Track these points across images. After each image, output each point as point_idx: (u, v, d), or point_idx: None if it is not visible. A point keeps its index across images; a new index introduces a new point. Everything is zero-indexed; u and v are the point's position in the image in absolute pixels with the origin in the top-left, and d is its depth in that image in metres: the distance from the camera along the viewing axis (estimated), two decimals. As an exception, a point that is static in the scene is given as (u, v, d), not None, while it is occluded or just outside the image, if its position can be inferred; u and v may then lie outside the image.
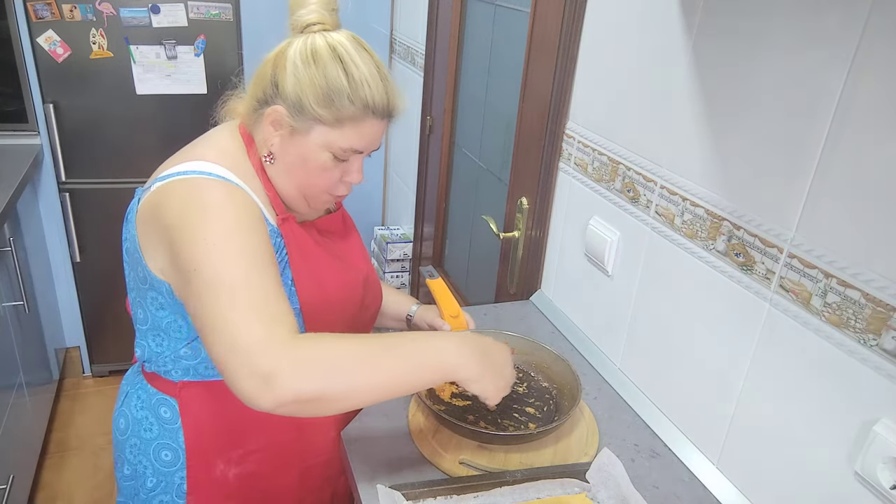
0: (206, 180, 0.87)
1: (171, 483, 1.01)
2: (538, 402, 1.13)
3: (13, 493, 1.90)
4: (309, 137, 0.91)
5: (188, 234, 0.82)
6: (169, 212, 0.86)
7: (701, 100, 0.99)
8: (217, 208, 0.85)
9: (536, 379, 1.18)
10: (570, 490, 0.93)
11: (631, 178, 1.17)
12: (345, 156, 0.93)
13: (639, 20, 1.12)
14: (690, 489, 1.00)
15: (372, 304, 1.13)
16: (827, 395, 0.82)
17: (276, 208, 0.96)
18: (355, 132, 0.91)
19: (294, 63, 0.88)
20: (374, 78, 0.89)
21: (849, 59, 0.76)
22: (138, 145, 2.55)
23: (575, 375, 1.10)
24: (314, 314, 0.96)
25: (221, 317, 0.77)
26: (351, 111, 0.88)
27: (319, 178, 0.94)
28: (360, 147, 0.93)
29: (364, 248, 1.17)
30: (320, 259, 1.00)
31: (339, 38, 0.90)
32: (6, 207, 1.97)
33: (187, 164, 0.89)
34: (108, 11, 2.35)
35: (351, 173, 0.96)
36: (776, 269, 0.88)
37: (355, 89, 0.87)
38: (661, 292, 1.12)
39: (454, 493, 0.91)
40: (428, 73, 2.31)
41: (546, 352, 1.18)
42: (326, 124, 0.89)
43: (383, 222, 3.07)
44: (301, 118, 0.89)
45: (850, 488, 0.79)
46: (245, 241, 0.83)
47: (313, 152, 0.91)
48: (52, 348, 2.57)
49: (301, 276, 0.95)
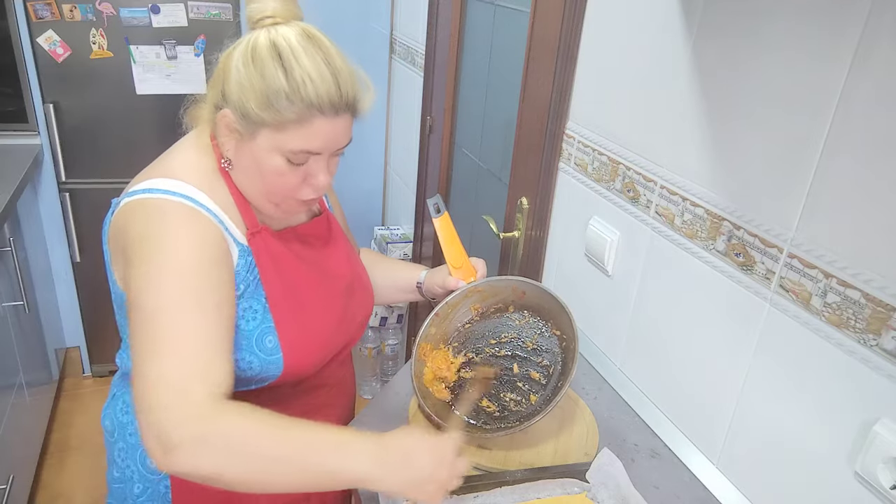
0: (169, 204, 0.85)
1: (157, 491, 1.00)
2: (545, 360, 1.10)
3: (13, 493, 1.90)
4: (257, 142, 0.86)
5: (138, 264, 0.81)
6: (127, 235, 0.85)
7: (701, 100, 0.99)
8: (171, 243, 0.82)
9: (548, 325, 1.12)
10: (570, 490, 0.93)
11: (631, 178, 1.17)
12: (299, 159, 0.86)
13: (639, 20, 1.12)
14: (690, 489, 1.00)
15: (358, 310, 1.08)
16: (827, 396, 0.82)
17: (248, 221, 0.92)
18: (302, 133, 0.84)
19: (236, 66, 0.84)
20: (319, 72, 0.82)
21: (849, 58, 0.76)
22: (138, 145, 2.55)
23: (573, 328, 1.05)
24: (290, 332, 0.93)
25: (147, 361, 0.77)
26: (293, 112, 0.82)
27: (277, 183, 0.88)
28: (314, 148, 0.86)
29: (351, 251, 1.13)
30: (297, 272, 0.97)
31: (286, 31, 0.84)
32: (6, 207, 1.97)
33: (154, 180, 0.87)
34: (108, 11, 2.35)
35: (314, 175, 0.89)
36: (776, 269, 0.88)
37: (295, 88, 0.81)
38: (661, 292, 1.12)
39: (454, 493, 0.91)
40: (428, 73, 2.31)
41: (554, 301, 1.10)
42: (270, 127, 0.84)
43: (383, 222, 3.07)
44: (246, 122, 0.84)
45: (850, 488, 0.79)
46: (194, 283, 0.81)
47: (265, 157, 0.86)
48: (52, 348, 2.57)
49: (274, 293, 0.92)
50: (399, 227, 2.80)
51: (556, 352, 1.10)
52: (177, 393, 0.74)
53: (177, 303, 0.79)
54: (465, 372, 1.11)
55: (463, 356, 1.13)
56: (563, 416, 1.10)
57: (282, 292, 0.93)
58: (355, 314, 1.07)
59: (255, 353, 0.91)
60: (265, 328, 0.91)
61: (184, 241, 0.83)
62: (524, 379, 1.10)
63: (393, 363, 2.77)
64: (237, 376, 0.89)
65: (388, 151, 2.92)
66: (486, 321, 1.16)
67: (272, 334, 0.92)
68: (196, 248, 0.83)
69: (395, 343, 2.72)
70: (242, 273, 0.90)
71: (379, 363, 2.76)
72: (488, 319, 1.16)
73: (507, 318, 1.16)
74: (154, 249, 0.82)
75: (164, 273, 0.80)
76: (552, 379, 1.08)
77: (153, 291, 0.80)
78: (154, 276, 0.80)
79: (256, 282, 0.91)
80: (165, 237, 0.83)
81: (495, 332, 1.16)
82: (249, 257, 0.91)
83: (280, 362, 0.92)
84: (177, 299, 0.79)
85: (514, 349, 1.14)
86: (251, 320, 0.91)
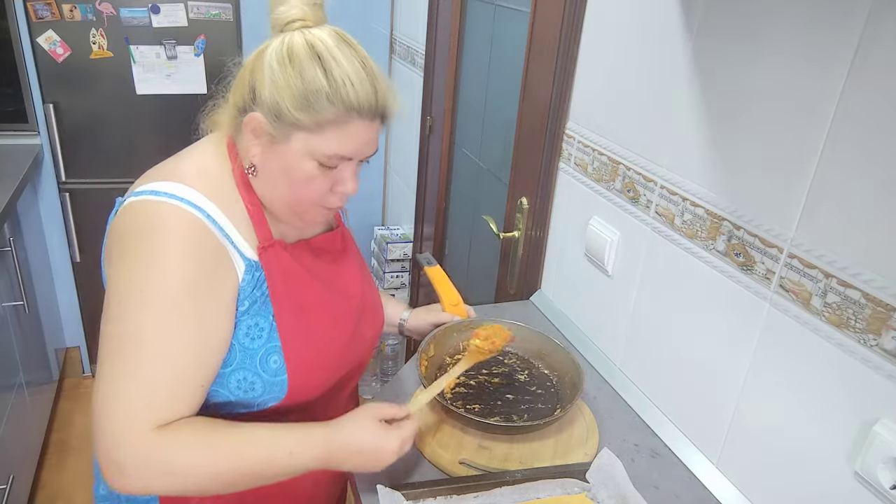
0: (171, 213, 0.81)
1: None
2: (539, 389, 1.13)
3: (13, 493, 1.90)
4: (289, 145, 0.83)
5: (125, 272, 0.79)
6: (122, 238, 0.82)
7: (701, 99, 0.99)
8: (163, 257, 0.79)
9: (537, 367, 1.19)
10: (570, 490, 0.93)
11: (631, 178, 1.17)
12: (332, 163, 0.84)
13: (639, 20, 1.12)
14: (690, 489, 1.00)
15: (368, 331, 1.05)
16: (827, 395, 0.82)
17: (261, 234, 0.88)
18: (339, 136, 0.82)
19: (270, 65, 0.81)
20: (357, 75, 0.81)
21: (849, 58, 0.76)
22: (138, 145, 2.55)
23: (576, 364, 1.10)
24: (297, 352, 0.89)
25: (109, 381, 0.76)
26: (332, 113, 0.80)
27: (306, 189, 0.85)
28: (348, 153, 0.84)
29: (364, 268, 1.09)
30: (308, 289, 0.93)
31: (320, 34, 0.82)
32: (6, 207, 1.97)
33: (162, 183, 0.83)
34: (108, 11, 2.35)
35: (343, 182, 0.87)
36: (776, 269, 0.88)
37: (336, 89, 0.79)
38: (661, 292, 1.12)
39: (454, 493, 0.91)
40: (428, 73, 2.31)
41: (547, 340, 1.18)
42: (306, 129, 0.81)
43: (383, 222, 3.07)
44: (279, 125, 0.81)
45: (850, 488, 0.79)
46: (177, 305, 0.78)
47: (296, 161, 0.83)
48: (52, 348, 2.57)
49: (283, 310, 0.88)
50: (399, 227, 2.80)
51: (548, 385, 1.14)
52: (128, 421, 0.75)
53: (152, 326, 0.77)
54: (460, 388, 1.12)
55: (456, 378, 1.13)
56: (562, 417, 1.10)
57: (291, 310, 0.89)
58: (365, 334, 1.04)
59: (258, 373, 0.87)
60: (270, 347, 0.87)
61: (177, 257, 0.79)
62: (523, 400, 1.10)
63: (393, 363, 2.77)
64: (237, 397, 0.88)
65: (388, 151, 2.92)
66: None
67: (278, 354, 0.88)
68: (189, 265, 0.80)
69: (394, 343, 2.72)
70: (248, 289, 0.86)
71: (379, 363, 2.77)
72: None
73: (494, 357, 1.17)
74: (143, 261, 0.79)
75: (147, 290, 0.78)
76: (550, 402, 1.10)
77: (132, 308, 0.77)
78: (135, 292, 0.77)
79: (265, 298, 0.87)
80: (159, 249, 0.79)
81: (486, 365, 1.18)
82: (258, 272, 0.87)
83: (284, 384, 0.89)
84: (153, 322, 0.77)
85: (507, 379, 1.16)
86: (256, 338, 0.87)
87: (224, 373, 0.86)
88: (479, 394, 1.11)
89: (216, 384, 0.87)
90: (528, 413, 1.07)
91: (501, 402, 1.09)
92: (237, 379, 0.87)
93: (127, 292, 0.78)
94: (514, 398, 1.10)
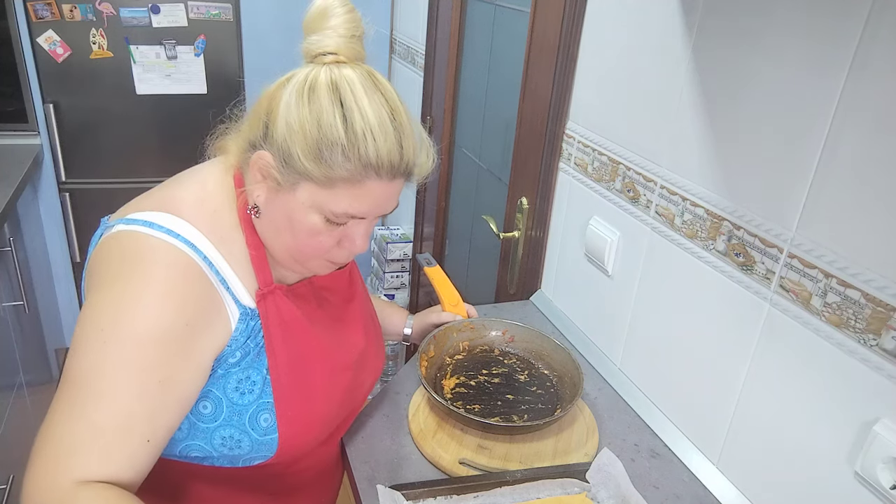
0: (162, 250, 0.74)
1: None
2: (539, 389, 1.13)
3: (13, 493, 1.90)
4: (295, 195, 0.74)
5: (98, 310, 0.71)
6: (103, 272, 0.75)
7: (701, 99, 0.99)
8: (140, 301, 0.71)
9: (537, 367, 1.19)
10: (570, 490, 0.93)
11: (631, 178, 1.17)
12: (340, 220, 0.76)
13: (639, 20, 1.12)
14: (690, 489, 1.00)
15: (367, 380, 0.99)
16: (827, 395, 0.82)
17: (261, 279, 0.81)
18: (351, 194, 0.74)
19: (287, 102, 0.72)
20: (382, 128, 0.72)
21: (849, 58, 0.76)
22: (138, 145, 2.55)
23: (576, 365, 1.11)
24: (290, 411, 0.83)
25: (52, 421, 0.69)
26: (346, 170, 0.72)
27: (308, 242, 0.78)
28: (359, 212, 0.76)
29: (370, 310, 1.03)
30: (307, 338, 0.86)
31: (350, 74, 0.73)
32: (6, 207, 1.97)
33: (157, 214, 0.76)
34: (108, 11, 2.35)
35: (351, 239, 0.79)
36: (776, 269, 0.88)
37: (354, 142, 0.71)
38: (662, 292, 1.12)
39: (454, 493, 0.91)
40: (428, 73, 2.31)
41: (547, 340, 1.19)
42: (315, 182, 0.73)
43: (383, 222, 3.07)
44: (287, 171, 0.73)
45: (850, 488, 0.79)
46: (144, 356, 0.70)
47: (300, 213, 0.75)
48: (52, 348, 2.57)
49: (278, 364, 0.81)
50: (399, 227, 2.80)
51: (548, 385, 1.14)
52: (55, 465, 0.68)
53: (107, 370, 0.69)
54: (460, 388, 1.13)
55: (456, 378, 1.14)
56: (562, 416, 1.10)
57: (287, 363, 0.82)
58: (363, 382, 0.98)
59: (246, 431, 0.81)
60: (262, 404, 0.81)
61: (155, 300, 0.72)
62: (523, 401, 1.11)
63: (393, 363, 2.77)
64: (221, 454, 0.82)
65: (388, 151, 2.92)
66: (474, 357, 1.20)
67: (269, 412, 0.81)
68: (166, 312, 0.72)
69: (394, 343, 2.72)
70: (241, 339, 0.79)
71: (379, 363, 2.76)
72: (475, 356, 1.20)
73: (494, 357, 1.21)
74: (118, 299, 0.71)
75: (114, 331, 0.70)
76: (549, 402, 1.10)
77: (94, 347, 0.70)
78: (100, 331, 0.70)
79: (259, 349, 0.81)
80: (137, 290, 0.72)
81: (486, 365, 1.18)
82: (254, 321, 0.80)
83: (274, 444, 0.82)
84: (110, 366, 0.69)
85: (506, 379, 1.16)
86: (247, 393, 0.80)
87: (208, 428, 0.80)
88: (479, 394, 1.11)
89: (199, 438, 0.81)
90: (528, 413, 1.07)
91: (501, 403, 1.09)
92: (223, 436, 0.81)
93: (93, 329, 0.71)
94: (514, 398, 1.10)
